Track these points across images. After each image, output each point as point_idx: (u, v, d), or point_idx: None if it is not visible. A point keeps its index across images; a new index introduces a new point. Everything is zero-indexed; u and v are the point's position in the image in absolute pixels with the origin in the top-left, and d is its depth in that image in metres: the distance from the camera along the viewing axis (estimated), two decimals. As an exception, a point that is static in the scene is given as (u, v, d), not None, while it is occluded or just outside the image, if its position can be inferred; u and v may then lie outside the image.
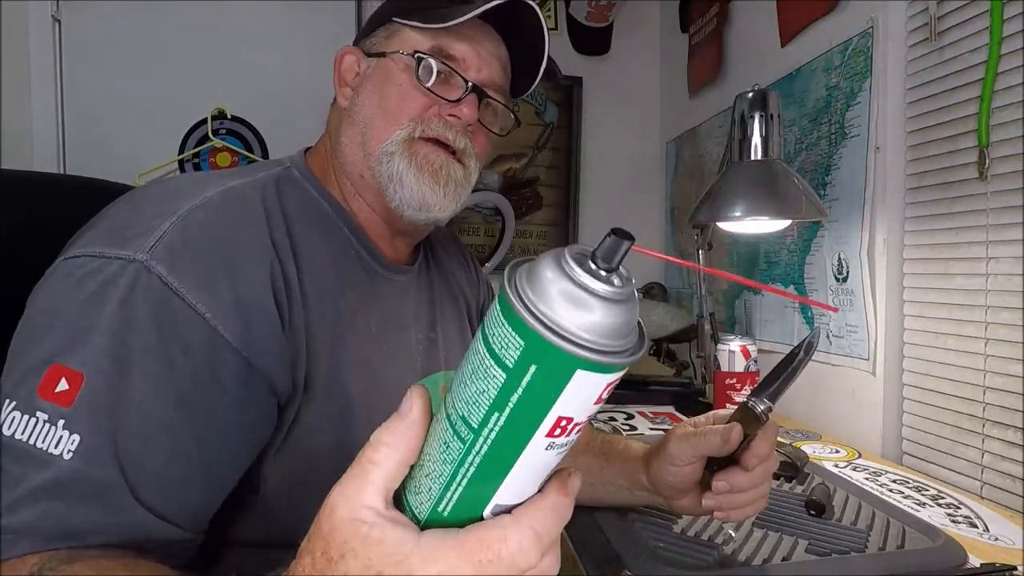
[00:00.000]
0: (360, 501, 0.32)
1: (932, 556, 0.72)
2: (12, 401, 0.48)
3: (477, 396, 0.30)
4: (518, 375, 0.28)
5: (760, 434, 0.62)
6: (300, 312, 0.60)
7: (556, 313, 0.27)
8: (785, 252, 1.44)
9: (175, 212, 0.55)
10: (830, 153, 1.28)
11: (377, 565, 0.31)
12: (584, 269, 0.28)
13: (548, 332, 0.27)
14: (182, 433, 0.51)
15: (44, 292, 0.53)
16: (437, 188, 0.68)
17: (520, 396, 0.28)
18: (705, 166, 1.85)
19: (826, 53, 1.29)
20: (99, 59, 1.75)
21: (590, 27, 2.05)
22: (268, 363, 0.56)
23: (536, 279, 0.28)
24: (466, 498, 0.32)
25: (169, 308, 0.51)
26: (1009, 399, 0.94)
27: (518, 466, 0.31)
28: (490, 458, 0.30)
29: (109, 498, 0.47)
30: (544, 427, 0.29)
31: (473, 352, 0.30)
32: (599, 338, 0.28)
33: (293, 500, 0.60)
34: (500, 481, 0.31)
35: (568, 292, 0.28)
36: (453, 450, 0.31)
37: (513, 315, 0.28)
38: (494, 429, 0.30)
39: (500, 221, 2.00)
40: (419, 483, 0.33)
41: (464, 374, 0.31)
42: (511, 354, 0.28)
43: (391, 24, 0.71)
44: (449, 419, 0.31)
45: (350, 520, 0.32)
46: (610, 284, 0.28)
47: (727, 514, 0.63)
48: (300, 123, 1.19)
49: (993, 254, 0.97)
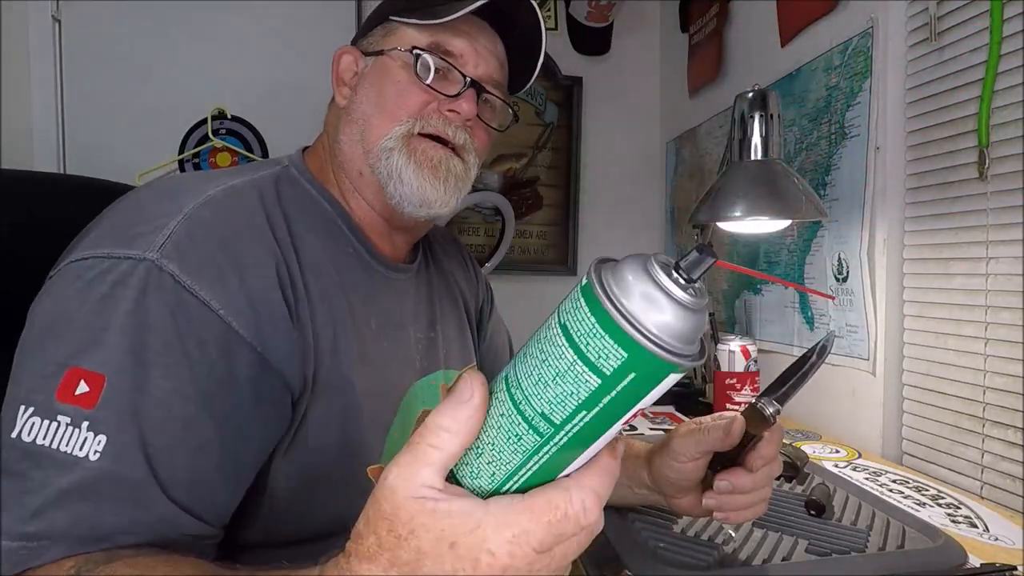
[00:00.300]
0: (419, 481, 0.33)
1: (932, 556, 0.72)
2: (29, 407, 0.47)
3: (564, 397, 0.31)
4: (614, 381, 0.30)
5: (766, 436, 0.61)
6: (306, 308, 0.60)
7: (657, 326, 0.29)
8: (785, 252, 1.44)
9: (181, 210, 0.55)
10: (830, 153, 1.28)
11: (450, 535, 0.32)
12: (673, 281, 0.30)
13: (655, 347, 0.29)
14: (204, 429, 0.51)
15: (51, 296, 0.53)
16: (437, 183, 0.68)
17: (612, 398, 0.31)
18: (705, 166, 1.85)
19: (826, 53, 1.29)
20: (99, 59, 1.75)
21: (590, 27, 2.05)
22: (281, 358, 0.56)
23: (629, 290, 0.30)
24: (535, 478, 0.34)
25: (183, 305, 0.51)
26: (1009, 399, 0.94)
27: (591, 449, 0.33)
28: (568, 446, 0.32)
29: (140, 496, 0.47)
30: (624, 419, 0.32)
31: (555, 355, 0.31)
32: (684, 345, 0.30)
33: (298, 499, 0.60)
34: (571, 462, 0.34)
35: (664, 303, 0.30)
36: (527, 441, 0.33)
37: (616, 329, 0.29)
38: (578, 425, 0.31)
39: (500, 221, 2.00)
40: (478, 468, 0.34)
41: (543, 375, 0.32)
42: (610, 364, 0.30)
43: (388, 23, 0.71)
44: (523, 415, 0.32)
45: (413, 499, 0.33)
46: (693, 295, 0.30)
47: (727, 515, 0.63)
48: (300, 123, 1.19)
49: (993, 254, 0.97)
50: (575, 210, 2.11)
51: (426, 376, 0.75)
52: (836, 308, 1.27)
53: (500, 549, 0.32)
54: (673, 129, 2.06)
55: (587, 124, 2.11)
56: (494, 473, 0.34)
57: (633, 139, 2.16)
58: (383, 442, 0.68)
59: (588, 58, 2.09)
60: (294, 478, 0.59)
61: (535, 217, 2.10)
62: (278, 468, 0.59)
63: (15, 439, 0.47)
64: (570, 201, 2.11)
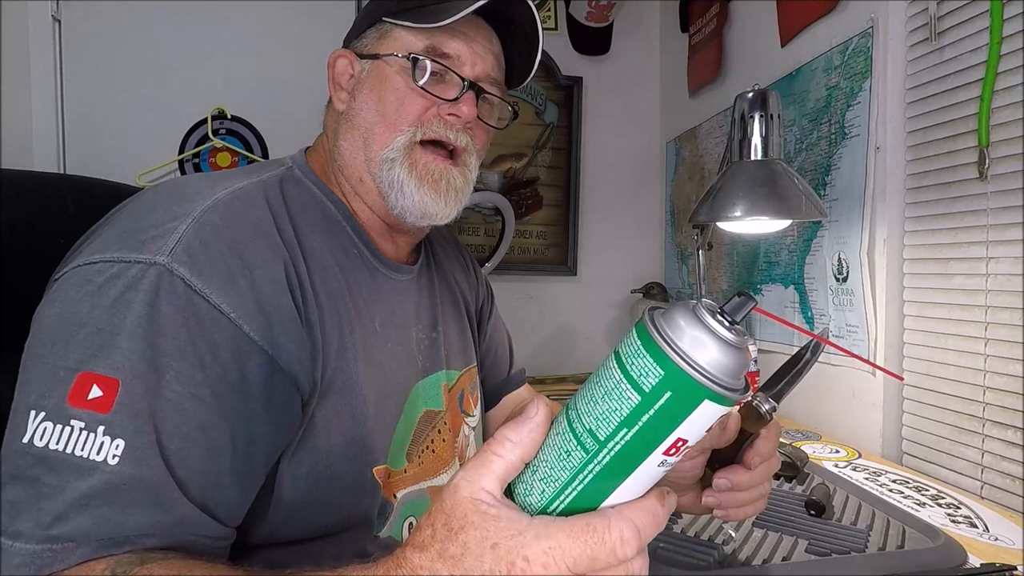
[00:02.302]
0: (480, 485, 0.36)
1: (932, 556, 0.72)
2: (40, 412, 0.47)
3: (608, 413, 0.34)
4: (653, 399, 0.33)
5: (763, 433, 0.62)
6: (314, 310, 0.61)
7: (694, 351, 0.33)
8: (785, 252, 1.44)
9: (189, 214, 0.55)
10: (830, 153, 1.28)
11: (494, 536, 0.35)
12: (715, 319, 0.34)
13: (688, 366, 0.33)
14: (218, 432, 0.51)
15: (60, 301, 0.52)
16: (438, 197, 0.68)
17: (651, 416, 0.33)
18: (705, 166, 1.85)
19: (826, 53, 1.29)
20: (99, 59, 1.75)
21: (590, 27, 2.05)
22: (292, 361, 0.57)
23: (674, 323, 0.34)
24: (578, 502, 0.36)
25: (194, 309, 0.51)
26: (1009, 399, 0.94)
27: (632, 477, 0.35)
28: (609, 468, 0.35)
29: (161, 498, 0.48)
30: (664, 445, 0.34)
31: (606, 376, 0.35)
32: (723, 375, 0.33)
33: (304, 498, 0.60)
34: (613, 489, 0.36)
35: (703, 335, 0.34)
36: (574, 458, 0.36)
37: (656, 349, 0.33)
38: (619, 443, 0.34)
39: (500, 221, 2.00)
40: (531, 485, 0.38)
41: (594, 394, 0.35)
42: (649, 381, 0.33)
43: (381, 24, 0.71)
44: (574, 432, 0.36)
45: (471, 499, 0.36)
46: (734, 334, 0.34)
47: (727, 512, 0.63)
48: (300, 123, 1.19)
49: (993, 254, 0.97)
50: (575, 210, 2.11)
51: (428, 376, 0.75)
52: (836, 308, 1.27)
53: (535, 558, 0.34)
54: (673, 129, 2.06)
55: (587, 124, 2.11)
56: (543, 490, 0.37)
57: (633, 139, 2.16)
58: (388, 442, 0.68)
59: (588, 58, 2.09)
60: (300, 478, 0.60)
61: (535, 217, 2.10)
62: (284, 468, 0.59)
63: (27, 444, 0.46)
64: (570, 201, 2.11)
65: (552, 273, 2.11)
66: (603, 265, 2.13)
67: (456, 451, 0.78)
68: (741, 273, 1.65)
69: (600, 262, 2.13)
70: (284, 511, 0.59)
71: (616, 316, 2.13)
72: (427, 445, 0.73)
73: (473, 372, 0.86)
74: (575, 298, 2.12)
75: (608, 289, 2.11)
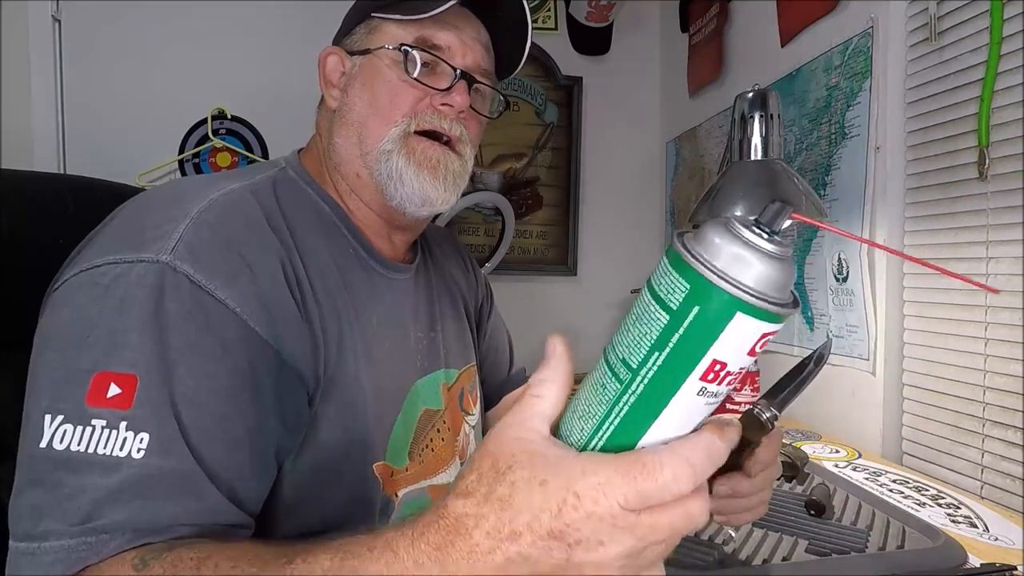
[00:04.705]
0: (525, 426, 0.36)
1: (932, 556, 0.72)
2: (57, 416, 0.47)
3: (639, 338, 0.33)
4: (681, 315, 0.31)
5: (764, 441, 0.61)
6: (313, 306, 0.61)
7: (721, 261, 0.31)
8: (785, 252, 1.44)
9: (186, 215, 0.56)
10: (830, 153, 1.28)
11: (542, 473, 0.34)
12: (748, 229, 0.32)
13: (713, 275, 0.31)
14: (234, 425, 0.51)
15: (67, 307, 0.52)
16: (437, 182, 0.69)
17: (681, 335, 0.32)
18: (705, 166, 1.85)
19: (826, 53, 1.29)
20: (99, 59, 1.75)
21: (590, 27, 2.05)
22: (296, 356, 0.57)
23: (703, 235, 0.32)
24: (616, 437, 0.35)
25: (201, 305, 0.52)
26: (1009, 399, 0.94)
27: (670, 407, 0.33)
28: (645, 397, 0.33)
29: (192, 486, 0.48)
30: (699, 369, 0.32)
31: (638, 304, 0.34)
32: (758, 286, 0.31)
33: (304, 494, 0.60)
34: (652, 421, 0.34)
35: (732, 244, 0.32)
36: (609, 390, 0.34)
37: (681, 262, 0.32)
38: (652, 368, 0.33)
39: (500, 221, 2.00)
40: (571, 424, 0.37)
41: (627, 322, 0.34)
42: (676, 297, 0.32)
43: (370, 20, 0.71)
44: (608, 363, 0.35)
45: (516, 439, 0.35)
46: (770, 243, 0.32)
47: (727, 518, 0.63)
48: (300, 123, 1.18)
49: (993, 254, 0.97)
50: (575, 210, 2.11)
51: (427, 375, 0.75)
52: (836, 308, 1.27)
53: (585, 493, 0.32)
54: (673, 129, 2.06)
55: (587, 124, 2.11)
56: (583, 428, 0.36)
57: (633, 139, 2.16)
58: (387, 440, 0.68)
59: (588, 58, 2.09)
60: (301, 474, 0.60)
61: (535, 217, 2.10)
62: (287, 465, 0.59)
63: (45, 449, 0.46)
64: (570, 201, 2.11)
65: (552, 273, 2.11)
66: (603, 265, 2.13)
67: (456, 450, 0.78)
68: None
69: (600, 262, 2.13)
70: (286, 508, 0.60)
71: (616, 316, 2.13)
72: (427, 444, 0.73)
73: (472, 371, 0.86)
74: (575, 298, 2.12)
75: (608, 289, 2.11)
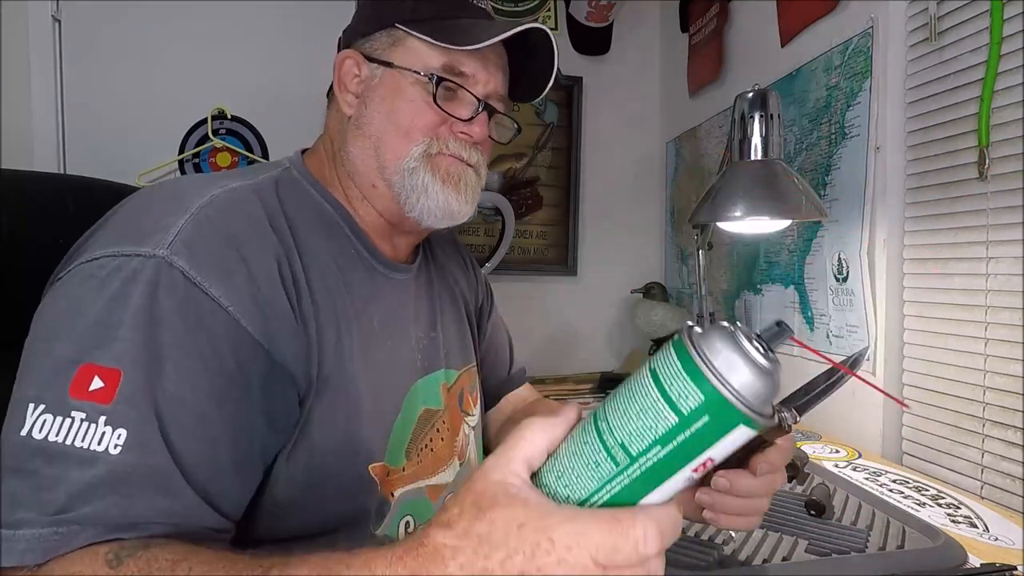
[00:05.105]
0: (509, 469, 0.38)
1: (932, 556, 0.72)
2: (39, 405, 0.47)
3: (643, 430, 0.35)
4: (690, 421, 0.34)
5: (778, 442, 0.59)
6: (309, 306, 0.61)
7: (735, 379, 0.34)
8: (785, 252, 1.44)
9: (186, 210, 0.56)
10: (830, 153, 1.28)
11: (521, 517, 0.36)
12: (751, 344, 0.35)
13: (729, 394, 0.34)
14: (217, 424, 0.52)
15: (63, 297, 0.53)
16: (460, 196, 0.70)
17: (686, 437, 0.34)
18: (705, 166, 1.85)
19: (826, 53, 1.29)
20: (99, 59, 1.75)
21: (590, 27, 2.05)
22: (287, 357, 0.57)
23: (713, 346, 0.35)
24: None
25: (193, 302, 0.52)
26: (1009, 399, 0.94)
27: (657, 491, 0.36)
28: (639, 482, 0.36)
29: (167, 484, 0.48)
30: (694, 464, 0.35)
31: (641, 393, 0.36)
32: (759, 402, 0.34)
33: (300, 495, 0.60)
34: (638, 500, 0.37)
35: (746, 365, 0.34)
36: (603, 469, 0.37)
37: (697, 372, 0.34)
38: (652, 459, 0.35)
39: (500, 221, 2.00)
40: (555, 488, 0.38)
41: (628, 409, 0.36)
42: (688, 404, 0.34)
43: (394, 30, 0.70)
44: (604, 444, 0.37)
45: (500, 481, 0.37)
46: (769, 361, 0.35)
47: (717, 516, 0.59)
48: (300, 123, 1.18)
49: (993, 254, 0.97)
50: (575, 210, 2.11)
51: (427, 375, 0.76)
52: (836, 308, 1.27)
53: (560, 540, 0.34)
54: (673, 129, 2.06)
55: (587, 124, 2.11)
56: (568, 497, 0.38)
57: (633, 139, 2.16)
58: (385, 440, 0.68)
59: (588, 58, 2.09)
60: (295, 475, 0.60)
61: (535, 217, 2.10)
62: (280, 465, 0.59)
63: (24, 437, 0.47)
64: (570, 201, 2.11)
65: (552, 273, 2.11)
66: (603, 265, 2.13)
67: (455, 450, 0.78)
68: (741, 273, 1.65)
69: (600, 262, 2.13)
70: (280, 508, 0.60)
71: (616, 316, 2.13)
72: (426, 444, 0.73)
73: (472, 371, 0.86)
74: (575, 298, 2.12)
75: (608, 289, 2.11)
